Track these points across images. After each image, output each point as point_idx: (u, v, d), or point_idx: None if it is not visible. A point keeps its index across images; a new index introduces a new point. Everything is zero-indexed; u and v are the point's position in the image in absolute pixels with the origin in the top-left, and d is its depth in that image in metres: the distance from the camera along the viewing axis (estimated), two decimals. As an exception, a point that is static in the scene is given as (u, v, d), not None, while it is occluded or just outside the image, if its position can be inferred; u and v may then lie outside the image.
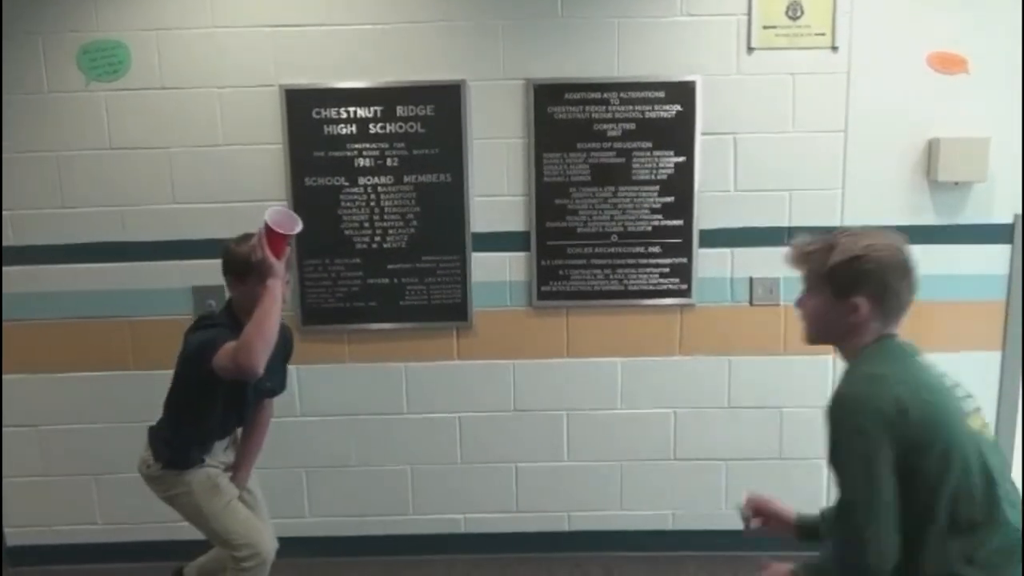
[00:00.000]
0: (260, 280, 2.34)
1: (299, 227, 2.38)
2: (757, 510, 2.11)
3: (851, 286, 1.70)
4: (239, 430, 2.83)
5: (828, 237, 1.76)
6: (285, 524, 3.08)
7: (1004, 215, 3.28)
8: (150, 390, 2.75)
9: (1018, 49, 3.16)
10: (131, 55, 3.18)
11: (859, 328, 1.73)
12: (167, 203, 3.29)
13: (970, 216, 3.29)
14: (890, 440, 1.58)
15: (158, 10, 3.16)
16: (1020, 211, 3.27)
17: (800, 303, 1.83)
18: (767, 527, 2.11)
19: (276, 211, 2.38)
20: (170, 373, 2.70)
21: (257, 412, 2.84)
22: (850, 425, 1.62)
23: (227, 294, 2.63)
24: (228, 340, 2.36)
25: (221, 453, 2.74)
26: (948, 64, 3.18)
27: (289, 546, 3.01)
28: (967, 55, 3.17)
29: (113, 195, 3.27)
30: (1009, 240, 3.30)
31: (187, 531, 2.81)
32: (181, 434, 2.62)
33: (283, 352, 2.75)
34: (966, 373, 3.47)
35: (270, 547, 2.71)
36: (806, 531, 2.07)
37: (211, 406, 2.56)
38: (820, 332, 1.81)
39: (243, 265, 2.45)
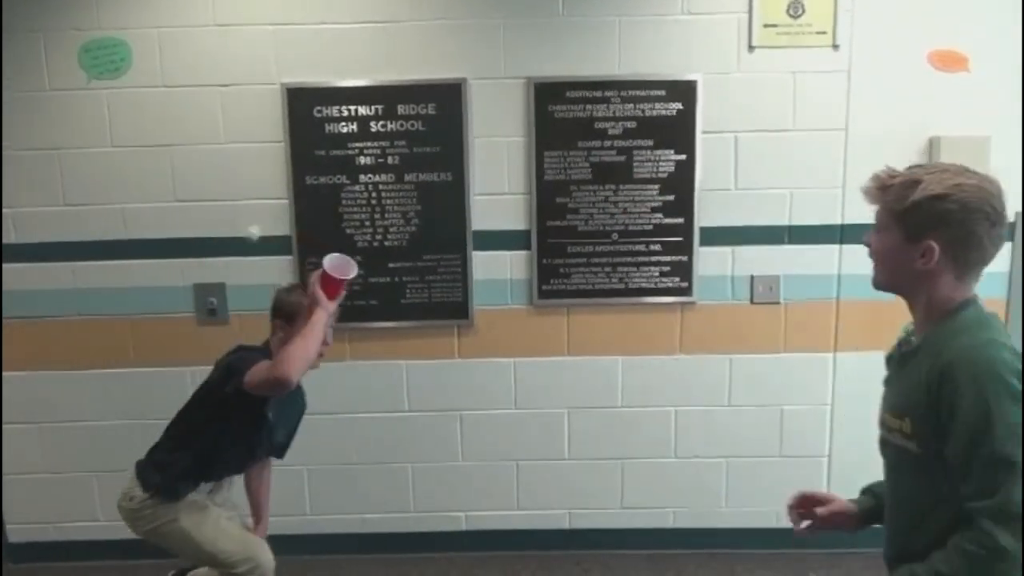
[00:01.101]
0: (305, 321, 2.37)
1: (353, 272, 2.41)
2: (808, 506, 1.87)
3: (927, 228, 1.51)
4: (230, 483, 2.79)
5: (913, 171, 1.56)
6: (287, 522, 3.09)
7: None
8: (151, 388, 2.75)
9: (1018, 48, 3.16)
10: (132, 53, 3.18)
11: (930, 278, 1.54)
12: (168, 201, 3.29)
13: (971, 214, 3.28)
14: None
15: (159, 8, 3.16)
16: (1020, 209, 3.28)
17: (868, 240, 1.65)
18: (821, 523, 1.86)
19: (335, 257, 2.41)
20: (171, 370, 2.72)
21: (259, 470, 2.87)
22: (1005, 383, 1.43)
23: (229, 293, 2.63)
24: (263, 360, 2.39)
25: (206, 495, 2.67)
26: (949, 62, 3.18)
27: (291, 543, 3.02)
28: (968, 53, 3.18)
29: (114, 193, 3.28)
30: (1009, 238, 3.30)
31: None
32: (178, 460, 2.57)
33: (299, 413, 2.79)
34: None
35: (270, 556, 2.69)
36: (869, 515, 1.82)
37: (221, 435, 2.54)
38: (887, 277, 1.62)
39: (294, 310, 2.50)
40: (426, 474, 3.53)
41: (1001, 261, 3.28)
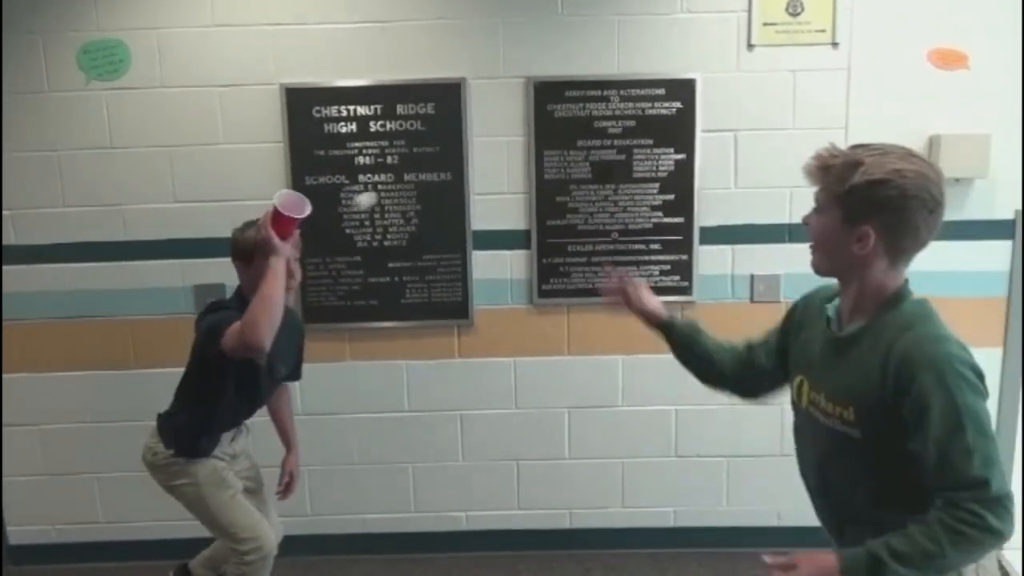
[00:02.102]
0: (264, 260, 2.34)
1: (307, 210, 2.37)
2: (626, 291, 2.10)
3: (865, 213, 1.51)
4: (246, 423, 2.83)
5: (855, 152, 1.54)
6: (287, 522, 3.08)
7: (1005, 211, 3.27)
8: (151, 389, 2.76)
9: (1018, 45, 3.16)
10: (131, 54, 3.18)
11: (863, 263, 1.55)
12: (168, 202, 3.29)
13: (971, 212, 3.29)
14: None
15: (158, 9, 3.16)
16: (1021, 207, 3.27)
17: (807, 220, 1.66)
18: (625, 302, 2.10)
19: (286, 194, 2.38)
20: (171, 371, 2.71)
21: (278, 398, 2.89)
22: (966, 380, 1.46)
23: (233, 285, 2.64)
24: (236, 320, 2.37)
25: (228, 444, 2.73)
26: (949, 60, 3.18)
27: (291, 544, 3.01)
28: (968, 51, 3.17)
29: (113, 194, 3.27)
30: (1010, 236, 3.30)
31: (188, 529, 2.82)
32: (192, 421, 2.62)
33: (294, 338, 2.77)
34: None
35: (273, 541, 2.71)
36: (670, 328, 2.08)
37: (223, 392, 2.56)
38: (826, 261, 1.63)
39: (247, 249, 2.49)
40: (426, 474, 3.53)
41: (1001, 260, 3.30)
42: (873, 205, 1.50)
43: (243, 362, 2.43)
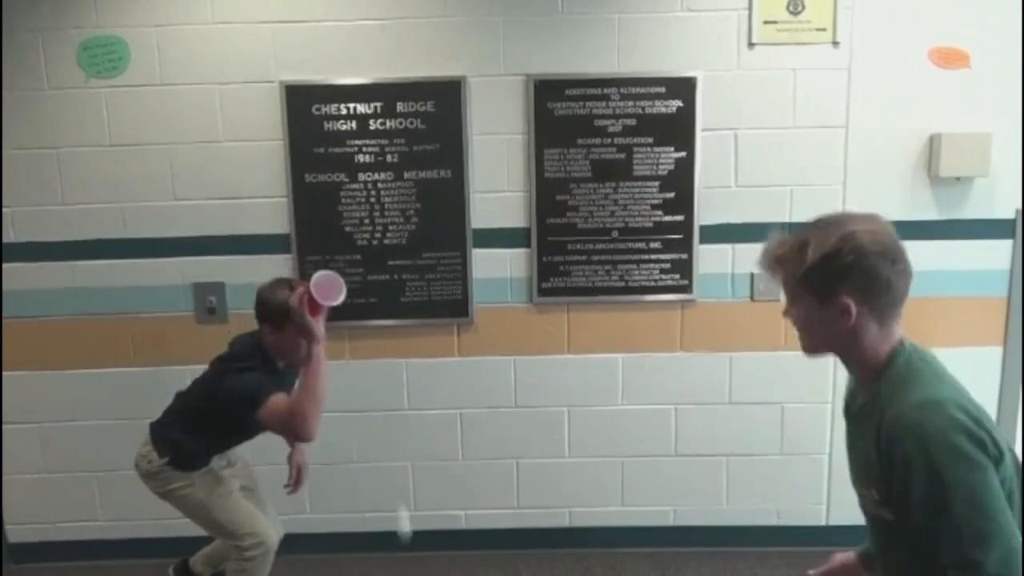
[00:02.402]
0: (297, 333, 2.36)
1: (342, 297, 2.35)
2: None
3: (833, 286, 1.47)
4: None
5: (799, 233, 1.52)
6: (286, 520, 3.08)
7: (1006, 210, 3.27)
8: (151, 387, 2.75)
9: (1019, 44, 3.15)
10: (131, 52, 3.17)
11: (857, 333, 1.50)
12: (167, 200, 3.28)
13: (972, 211, 3.28)
14: (989, 458, 1.38)
15: (157, 6, 3.15)
16: (1021, 206, 3.27)
17: (786, 312, 1.60)
18: None
19: (322, 276, 2.35)
20: (170, 369, 2.73)
21: None
22: (952, 448, 1.37)
23: (229, 292, 2.64)
24: (273, 390, 2.38)
25: (216, 460, 2.74)
26: (950, 59, 3.17)
27: (291, 543, 3.01)
28: (969, 50, 3.16)
29: (113, 192, 3.27)
30: (1011, 235, 3.30)
31: (188, 527, 2.82)
32: (194, 443, 2.62)
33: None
34: (967, 369, 3.47)
35: (274, 535, 2.72)
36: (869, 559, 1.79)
37: (237, 430, 2.61)
38: (816, 343, 1.58)
39: (280, 314, 2.44)
40: (426, 472, 3.53)
41: (1002, 259, 3.29)
42: (838, 275, 1.46)
43: None
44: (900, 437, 1.40)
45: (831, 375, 3.39)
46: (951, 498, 1.36)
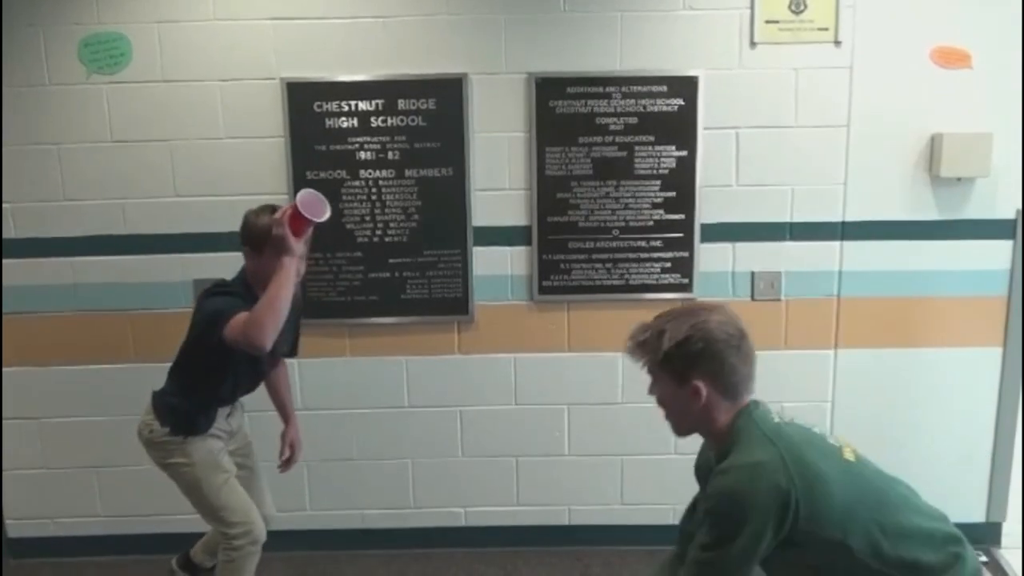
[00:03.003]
0: (276, 255, 2.34)
1: (326, 215, 2.36)
2: None
3: (687, 370, 1.67)
4: (241, 400, 2.83)
5: (656, 322, 1.72)
6: (286, 517, 3.09)
7: (1007, 211, 3.27)
8: (150, 383, 2.75)
9: (1020, 45, 3.15)
10: (132, 48, 3.16)
11: (709, 412, 1.70)
12: (168, 196, 3.28)
13: (972, 212, 3.28)
14: (774, 530, 1.57)
15: (159, 3, 3.15)
16: (1022, 207, 3.27)
17: (651, 392, 1.80)
18: None
19: (308, 193, 2.36)
20: (167, 366, 2.72)
21: (275, 372, 2.90)
22: (737, 520, 1.57)
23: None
24: (240, 310, 2.37)
25: (224, 420, 2.73)
26: (951, 59, 3.17)
27: (290, 539, 3.03)
28: (970, 50, 3.16)
29: (114, 188, 3.27)
30: (1011, 236, 3.30)
31: (187, 523, 2.82)
32: (191, 400, 2.62)
33: (294, 316, 2.75)
34: (967, 369, 3.50)
35: (262, 527, 2.72)
36: None
37: (224, 373, 2.57)
38: (679, 423, 1.79)
39: (260, 238, 2.46)
40: (426, 470, 3.53)
41: (1002, 259, 3.30)
42: (690, 361, 1.67)
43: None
44: (715, 499, 1.62)
45: (831, 373, 3.40)
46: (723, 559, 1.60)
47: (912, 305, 3.35)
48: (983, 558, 3.40)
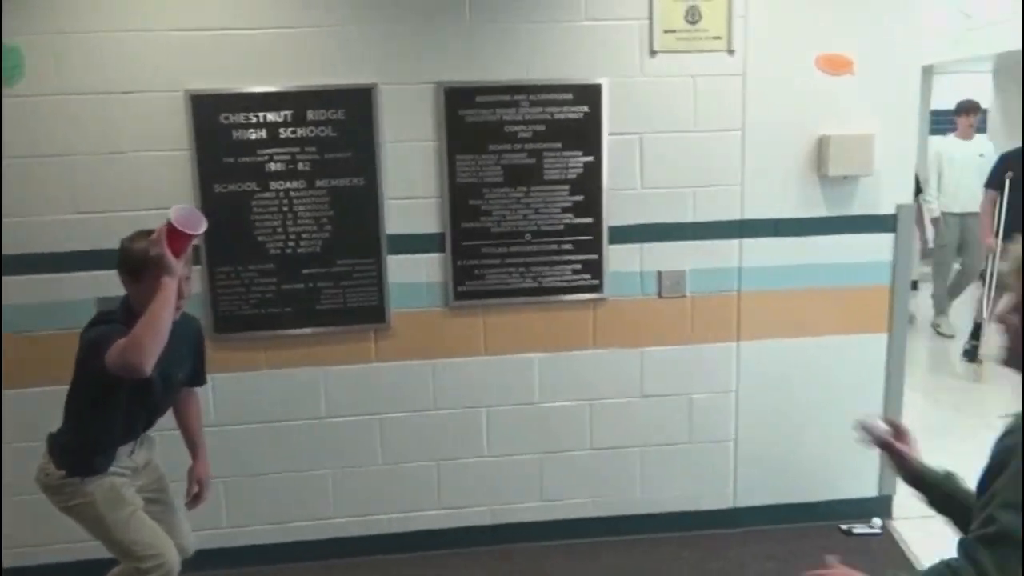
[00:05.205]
0: (156, 278, 2.28)
1: (203, 227, 2.32)
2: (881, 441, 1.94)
3: None
4: (150, 433, 2.75)
5: None
6: (202, 536, 3.01)
7: (888, 206, 3.51)
8: (55, 407, 2.63)
9: (897, 53, 3.39)
10: (25, 60, 3.04)
11: None
12: (68, 213, 3.17)
13: (858, 207, 3.51)
14: None
15: (53, 13, 3.04)
16: (902, 202, 3.52)
17: (1003, 320, 1.56)
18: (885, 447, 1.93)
19: (181, 208, 2.31)
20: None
21: (185, 405, 2.81)
22: None
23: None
24: (121, 336, 2.29)
25: (127, 458, 2.63)
26: (835, 66, 3.39)
27: (208, 558, 2.98)
28: (852, 57, 3.38)
29: (11, 206, 3.13)
30: (893, 229, 3.54)
31: (91, 550, 2.72)
32: (84, 439, 2.52)
33: (190, 342, 2.69)
34: (857, 354, 3.72)
35: (175, 556, 2.64)
36: (921, 482, 1.86)
37: (114, 407, 2.47)
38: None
39: (137, 263, 2.38)
40: (346, 479, 3.53)
41: (886, 251, 3.53)
42: None
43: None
44: None
45: (734, 364, 3.57)
46: None
47: (806, 297, 3.56)
48: (877, 530, 3.65)
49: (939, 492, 1.82)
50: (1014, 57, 6.77)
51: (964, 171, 6.54)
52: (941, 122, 8.41)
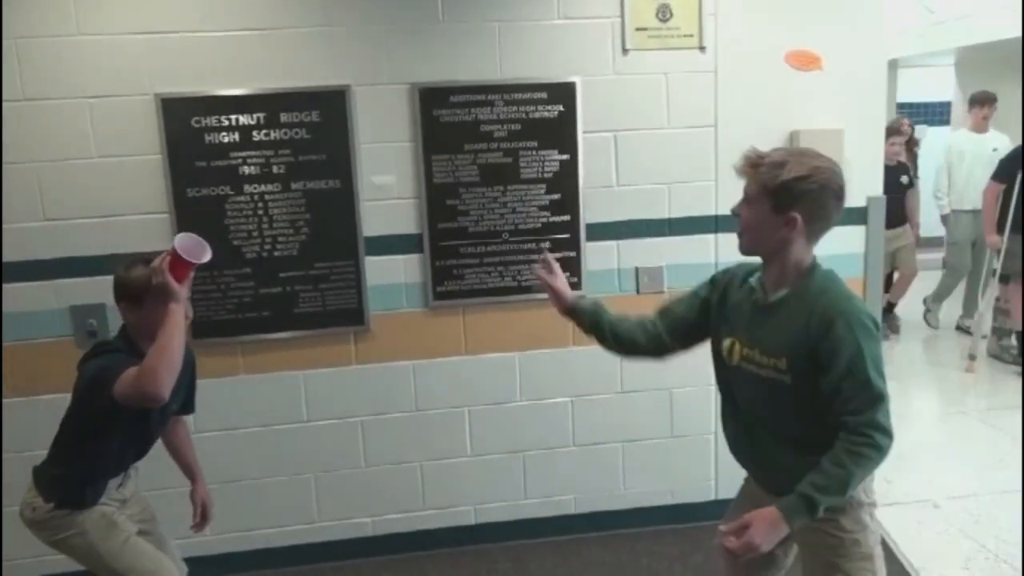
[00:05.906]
0: (158, 303, 2.26)
1: (207, 256, 2.31)
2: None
3: (791, 202, 1.85)
4: (136, 471, 2.70)
5: (778, 154, 1.90)
6: (182, 544, 2.98)
7: (858, 199, 3.57)
8: (27, 418, 2.60)
9: (864, 48, 3.45)
10: (-11, 66, 2.99)
11: (788, 243, 1.89)
12: (37, 221, 3.12)
13: (829, 201, 3.55)
14: None
15: (15, 17, 2.98)
16: (872, 194, 3.58)
17: (737, 210, 1.97)
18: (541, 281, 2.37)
19: (186, 237, 2.30)
20: (49, 398, 2.58)
21: (175, 432, 2.78)
22: (868, 329, 1.83)
23: (109, 314, 2.51)
24: (128, 366, 2.27)
25: (115, 491, 2.56)
26: (804, 62, 3.43)
27: (193, 564, 2.93)
28: (821, 54, 3.43)
29: (-24, 215, 3.08)
30: (863, 221, 3.60)
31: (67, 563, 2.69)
32: (75, 469, 2.45)
33: (187, 374, 2.65)
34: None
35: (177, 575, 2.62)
36: (578, 312, 2.31)
37: (110, 439, 2.42)
38: (754, 243, 1.95)
39: (138, 290, 2.36)
40: (329, 483, 3.51)
41: (857, 243, 3.58)
42: (799, 196, 1.85)
43: (128, 406, 2.31)
44: (833, 319, 1.83)
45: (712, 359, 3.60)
46: (864, 361, 1.81)
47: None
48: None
49: (605, 330, 2.28)
50: (975, 51, 6.91)
51: (975, 166, 6.16)
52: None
